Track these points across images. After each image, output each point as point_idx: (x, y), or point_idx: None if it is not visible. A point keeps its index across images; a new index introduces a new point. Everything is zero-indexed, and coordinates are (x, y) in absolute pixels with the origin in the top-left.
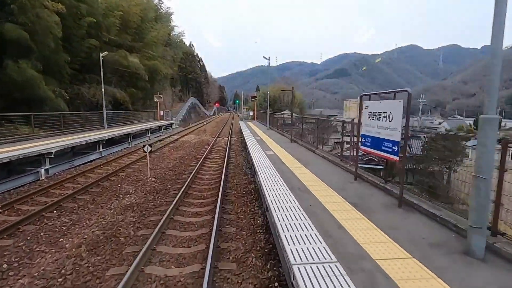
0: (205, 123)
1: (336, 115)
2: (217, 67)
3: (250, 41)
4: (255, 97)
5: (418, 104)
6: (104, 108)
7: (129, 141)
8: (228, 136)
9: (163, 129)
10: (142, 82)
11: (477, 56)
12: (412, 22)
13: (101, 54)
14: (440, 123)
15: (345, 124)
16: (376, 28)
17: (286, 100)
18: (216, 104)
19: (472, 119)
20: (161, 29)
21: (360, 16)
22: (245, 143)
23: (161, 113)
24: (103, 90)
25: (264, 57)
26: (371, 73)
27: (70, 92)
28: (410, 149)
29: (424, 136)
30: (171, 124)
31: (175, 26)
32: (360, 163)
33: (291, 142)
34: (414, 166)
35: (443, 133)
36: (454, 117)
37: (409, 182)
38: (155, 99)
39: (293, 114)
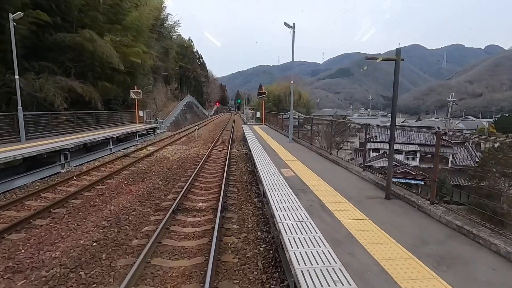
0: (196, 127)
1: (347, 116)
2: (218, 66)
3: (251, 40)
4: (264, 93)
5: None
6: (21, 109)
7: (64, 161)
8: (228, 147)
9: (139, 136)
10: (121, 75)
11: (481, 56)
12: (415, 21)
13: (11, 16)
14: (455, 124)
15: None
16: (379, 28)
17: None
18: (217, 104)
19: (489, 120)
20: (146, 11)
21: (362, 15)
22: (258, 178)
23: (141, 114)
24: (16, 77)
25: (285, 23)
26: (374, 72)
27: (4, 84)
28: (454, 159)
29: (470, 143)
30: (153, 129)
31: (169, 14)
32: (392, 176)
33: (386, 198)
34: (466, 182)
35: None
36: (466, 117)
37: (457, 201)
38: (132, 96)
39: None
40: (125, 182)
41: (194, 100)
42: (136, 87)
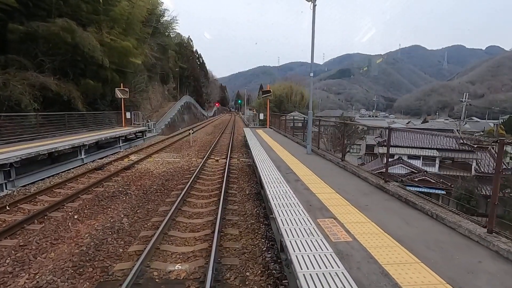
0: (191, 131)
1: (353, 117)
2: (218, 67)
3: (251, 41)
4: (269, 91)
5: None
6: None
7: (5, 180)
8: (227, 155)
9: (125, 141)
10: (108, 72)
11: (482, 56)
12: (415, 22)
13: None
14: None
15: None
16: (379, 29)
17: (294, 100)
18: (217, 104)
19: (494, 121)
20: (139, 2)
21: (362, 16)
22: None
23: (128, 115)
24: None
25: None
26: (373, 73)
27: None
28: (478, 166)
29: (493, 148)
30: (142, 132)
31: (166, 10)
32: (409, 184)
33: None
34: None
35: None
36: (471, 118)
37: (482, 213)
38: (118, 95)
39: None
40: (76, 216)
41: (192, 100)
42: (122, 84)
